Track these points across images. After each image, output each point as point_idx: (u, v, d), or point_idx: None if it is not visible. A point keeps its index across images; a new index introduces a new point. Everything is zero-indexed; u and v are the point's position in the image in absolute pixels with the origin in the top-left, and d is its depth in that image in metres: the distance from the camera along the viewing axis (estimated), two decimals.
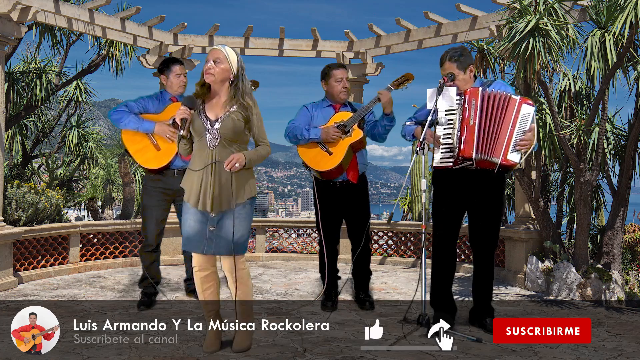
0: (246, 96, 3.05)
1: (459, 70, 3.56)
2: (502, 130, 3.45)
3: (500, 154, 3.44)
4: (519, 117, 3.44)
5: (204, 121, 3.01)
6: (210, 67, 3.01)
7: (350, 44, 6.75)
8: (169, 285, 4.95)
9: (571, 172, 5.26)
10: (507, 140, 3.44)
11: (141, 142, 4.14)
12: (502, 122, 3.45)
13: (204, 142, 3.01)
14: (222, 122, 2.99)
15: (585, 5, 4.66)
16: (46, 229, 5.38)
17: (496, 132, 3.45)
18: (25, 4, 4.82)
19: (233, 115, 3.00)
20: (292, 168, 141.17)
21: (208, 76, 3.02)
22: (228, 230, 2.98)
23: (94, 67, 7.10)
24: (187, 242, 3.05)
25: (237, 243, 3.00)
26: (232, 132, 3.00)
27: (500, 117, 3.45)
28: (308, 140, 4.04)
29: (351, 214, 4.20)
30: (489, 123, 3.44)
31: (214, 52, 3.04)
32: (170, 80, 4.26)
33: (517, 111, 3.44)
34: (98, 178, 7.41)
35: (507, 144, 3.44)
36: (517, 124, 3.44)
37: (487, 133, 3.43)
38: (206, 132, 3.00)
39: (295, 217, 42.40)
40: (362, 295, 4.29)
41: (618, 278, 4.57)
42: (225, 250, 3.00)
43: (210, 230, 2.98)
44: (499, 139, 3.45)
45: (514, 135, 3.44)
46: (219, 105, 3.05)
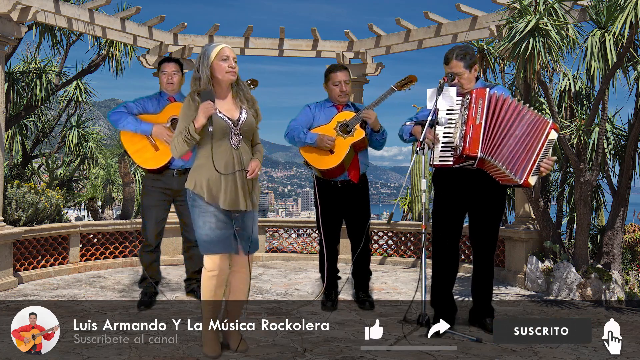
0: (247, 92, 3.08)
1: (464, 69, 3.56)
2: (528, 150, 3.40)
3: (524, 174, 3.41)
4: (547, 141, 3.43)
5: (225, 121, 2.97)
6: (234, 67, 2.98)
7: (350, 44, 6.75)
8: (169, 285, 4.95)
9: (571, 172, 5.26)
10: (532, 163, 3.41)
11: (140, 143, 4.14)
12: (512, 127, 3.42)
13: (226, 142, 2.97)
14: (245, 120, 3.02)
15: (585, 5, 4.66)
16: (46, 229, 5.38)
17: (509, 140, 3.41)
18: (25, 4, 4.82)
19: (249, 112, 3.05)
20: (292, 168, 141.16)
21: (232, 75, 2.98)
22: (250, 230, 3.04)
23: (94, 67, 7.11)
24: (214, 244, 2.95)
25: (256, 242, 3.10)
26: (250, 129, 3.05)
27: (509, 121, 3.42)
28: (304, 143, 4.06)
29: (351, 213, 4.21)
30: (499, 126, 3.41)
31: (229, 50, 2.99)
32: (160, 79, 4.29)
33: (546, 135, 3.42)
34: (98, 178, 7.42)
35: (532, 166, 3.41)
36: (544, 148, 3.43)
37: (495, 135, 3.40)
38: (231, 133, 2.97)
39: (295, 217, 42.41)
40: (362, 295, 4.29)
41: (618, 278, 4.57)
42: (253, 249, 3.09)
43: (237, 230, 2.99)
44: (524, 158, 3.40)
45: (539, 158, 3.42)
46: (230, 105, 3.04)
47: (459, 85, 3.59)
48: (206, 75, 2.95)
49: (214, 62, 2.95)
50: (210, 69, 2.96)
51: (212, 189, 2.93)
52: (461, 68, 3.55)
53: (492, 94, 3.42)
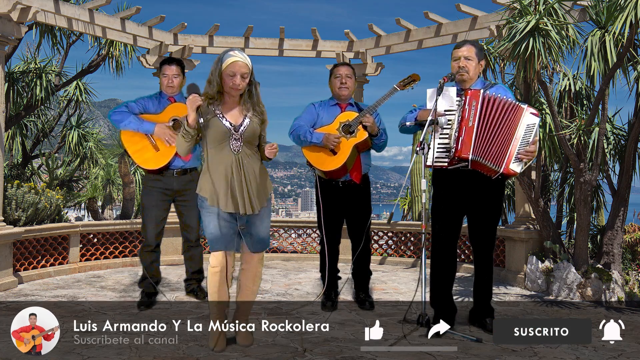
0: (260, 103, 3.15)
1: (475, 57, 3.57)
2: (505, 138, 3.43)
3: (503, 163, 3.43)
4: (524, 127, 3.44)
5: (227, 126, 3.06)
6: (240, 84, 3.03)
7: (350, 44, 6.75)
8: (169, 285, 4.95)
9: (571, 172, 5.26)
10: (511, 150, 3.43)
11: (140, 143, 4.14)
12: (504, 128, 3.43)
13: (226, 146, 3.06)
14: (247, 126, 3.08)
15: (585, 5, 4.66)
16: (46, 229, 5.37)
17: (496, 137, 3.43)
18: (25, 4, 4.82)
19: (253, 119, 3.11)
20: (292, 168, 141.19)
21: (236, 92, 3.05)
22: (259, 228, 3.13)
23: (94, 67, 7.11)
24: (217, 242, 3.07)
25: (266, 239, 3.18)
26: (253, 135, 3.11)
27: (502, 122, 3.43)
28: (310, 143, 4.06)
29: (352, 213, 4.21)
30: (489, 126, 3.42)
31: (239, 66, 3.00)
32: (160, 80, 4.29)
33: (522, 121, 3.44)
34: (98, 178, 7.42)
35: (511, 154, 3.43)
36: (522, 134, 3.44)
37: (486, 136, 3.41)
38: (231, 137, 3.05)
39: (295, 217, 42.42)
40: (362, 295, 4.29)
41: (618, 278, 4.57)
42: (260, 247, 3.15)
43: (241, 228, 3.07)
44: (503, 147, 3.43)
45: (517, 145, 3.44)
46: (236, 111, 3.10)
47: (460, 80, 3.58)
48: (217, 82, 3.04)
49: (223, 73, 3.02)
50: (219, 77, 3.03)
51: (214, 193, 3.06)
52: (473, 53, 3.56)
53: (484, 95, 3.42)
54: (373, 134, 4.05)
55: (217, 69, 3.02)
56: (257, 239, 3.14)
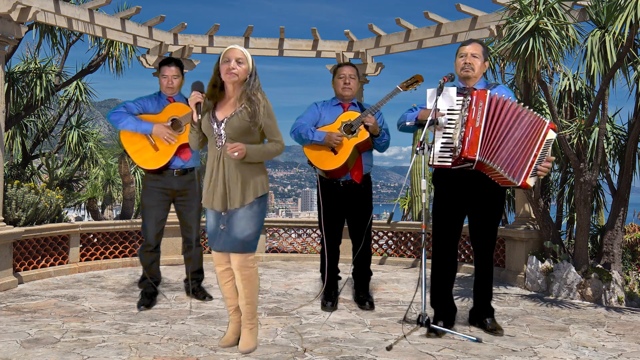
0: (255, 90, 3.02)
1: (481, 55, 3.58)
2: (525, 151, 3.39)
3: (522, 177, 3.40)
4: (544, 141, 3.42)
5: (211, 122, 3.05)
6: (234, 67, 2.97)
7: (350, 44, 6.75)
8: (169, 285, 4.95)
9: (571, 172, 5.26)
10: (530, 164, 3.40)
11: (139, 143, 4.14)
12: (511, 130, 3.40)
13: (212, 142, 3.07)
14: (227, 121, 3.02)
15: (585, 5, 4.66)
16: (46, 229, 5.38)
17: (506, 142, 3.39)
18: (25, 4, 4.82)
19: (239, 114, 3.00)
20: (292, 168, 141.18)
21: (231, 76, 2.98)
22: (235, 229, 3.01)
23: (94, 67, 7.12)
24: (209, 240, 3.17)
25: (243, 242, 3.01)
26: (236, 131, 3.00)
27: (508, 123, 3.41)
28: (312, 142, 4.06)
29: (353, 213, 4.21)
30: (497, 129, 3.39)
31: (234, 52, 3.00)
32: (159, 81, 4.29)
33: (543, 135, 3.41)
34: (98, 178, 7.42)
35: (530, 168, 3.40)
36: (541, 149, 3.41)
37: (494, 138, 3.38)
38: (214, 133, 3.04)
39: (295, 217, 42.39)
40: (362, 295, 4.30)
41: (618, 278, 4.57)
42: (230, 247, 3.03)
43: (221, 228, 3.05)
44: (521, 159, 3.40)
45: (537, 159, 3.42)
46: (229, 105, 3.07)
47: (465, 77, 3.57)
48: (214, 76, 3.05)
49: (220, 65, 3.02)
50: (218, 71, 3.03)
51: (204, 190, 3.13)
52: (479, 51, 3.57)
53: (492, 96, 3.40)
54: (374, 134, 4.05)
55: (216, 65, 3.05)
56: (230, 237, 3.00)
